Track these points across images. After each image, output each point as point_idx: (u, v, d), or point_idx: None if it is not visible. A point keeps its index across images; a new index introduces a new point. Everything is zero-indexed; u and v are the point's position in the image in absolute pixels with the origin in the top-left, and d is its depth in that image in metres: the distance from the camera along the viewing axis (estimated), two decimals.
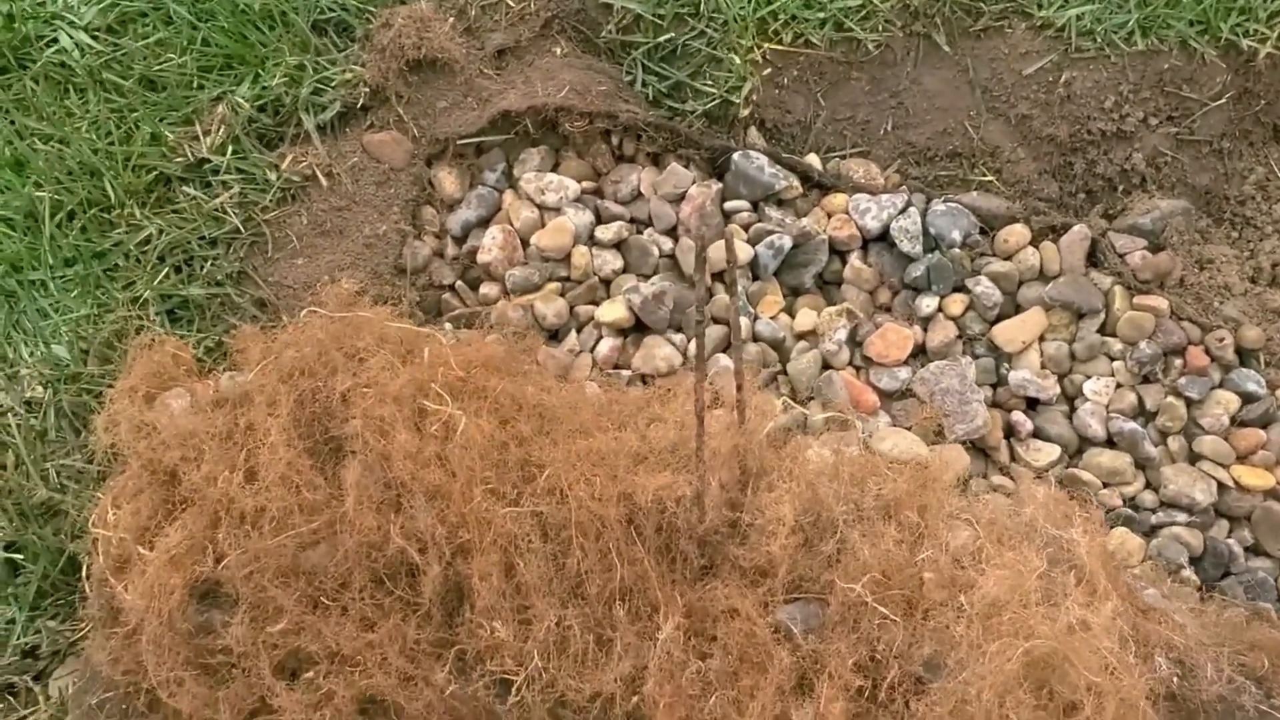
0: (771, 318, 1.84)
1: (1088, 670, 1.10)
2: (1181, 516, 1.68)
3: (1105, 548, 1.33)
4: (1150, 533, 1.68)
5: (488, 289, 1.85)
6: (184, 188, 1.81)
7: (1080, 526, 1.36)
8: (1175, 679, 1.23)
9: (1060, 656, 1.12)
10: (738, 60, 1.86)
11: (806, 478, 1.31)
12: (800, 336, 1.83)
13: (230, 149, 1.82)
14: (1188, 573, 1.64)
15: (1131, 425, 1.72)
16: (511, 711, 1.21)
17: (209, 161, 1.82)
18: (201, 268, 1.76)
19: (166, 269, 1.75)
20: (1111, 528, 1.67)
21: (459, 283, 1.87)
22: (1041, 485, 1.50)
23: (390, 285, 1.80)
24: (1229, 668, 1.25)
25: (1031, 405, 1.80)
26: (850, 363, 1.82)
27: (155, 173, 1.81)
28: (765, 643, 1.21)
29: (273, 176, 1.82)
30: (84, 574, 1.45)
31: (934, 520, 1.34)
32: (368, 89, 1.86)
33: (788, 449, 1.39)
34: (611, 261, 1.85)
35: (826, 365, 1.80)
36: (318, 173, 1.84)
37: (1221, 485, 1.70)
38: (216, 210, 1.79)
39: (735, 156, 1.86)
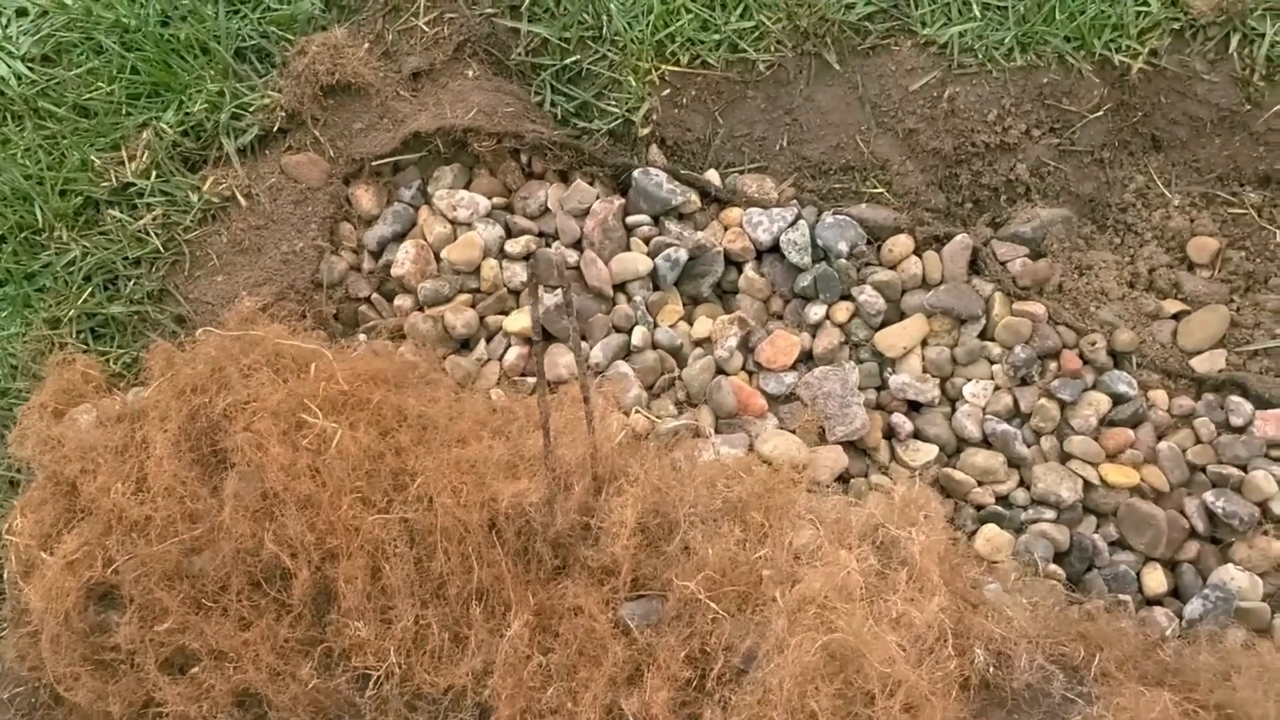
0: (671, 326, 1.93)
1: (881, 663, 1.19)
2: (1049, 513, 1.76)
3: (946, 545, 1.41)
4: (1020, 529, 1.77)
5: (402, 301, 1.95)
6: (110, 210, 1.92)
7: (922, 526, 1.44)
8: (991, 668, 1.32)
9: (857, 650, 1.21)
10: (634, 82, 1.95)
11: (653, 482, 1.40)
12: (698, 344, 1.92)
13: (154, 173, 1.93)
14: (1052, 566, 1.72)
15: (1004, 426, 1.80)
16: (369, 703, 1.31)
17: (134, 185, 1.93)
18: (125, 287, 1.87)
19: (91, 288, 1.86)
20: (981, 525, 1.76)
21: (375, 295, 1.97)
22: (903, 486, 1.59)
23: (307, 299, 1.90)
24: (1044, 658, 1.34)
25: (913, 407, 1.88)
26: (743, 368, 1.91)
27: (83, 196, 1.92)
28: (603, 637, 1.31)
29: (194, 198, 1.92)
30: (1, 578, 1.56)
31: (779, 520, 1.43)
32: (284, 113, 1.96)
33: (644, 453, 1.48)
34: (520, 273, 1.94)
35: (720, 371, 1.89)
36: (237, 193, 1.94)
37: (1089, 483, 1.78)
38: (140, 231, 1.90)
39: (636, 174, 1.95)
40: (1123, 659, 1.37)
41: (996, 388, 1.85)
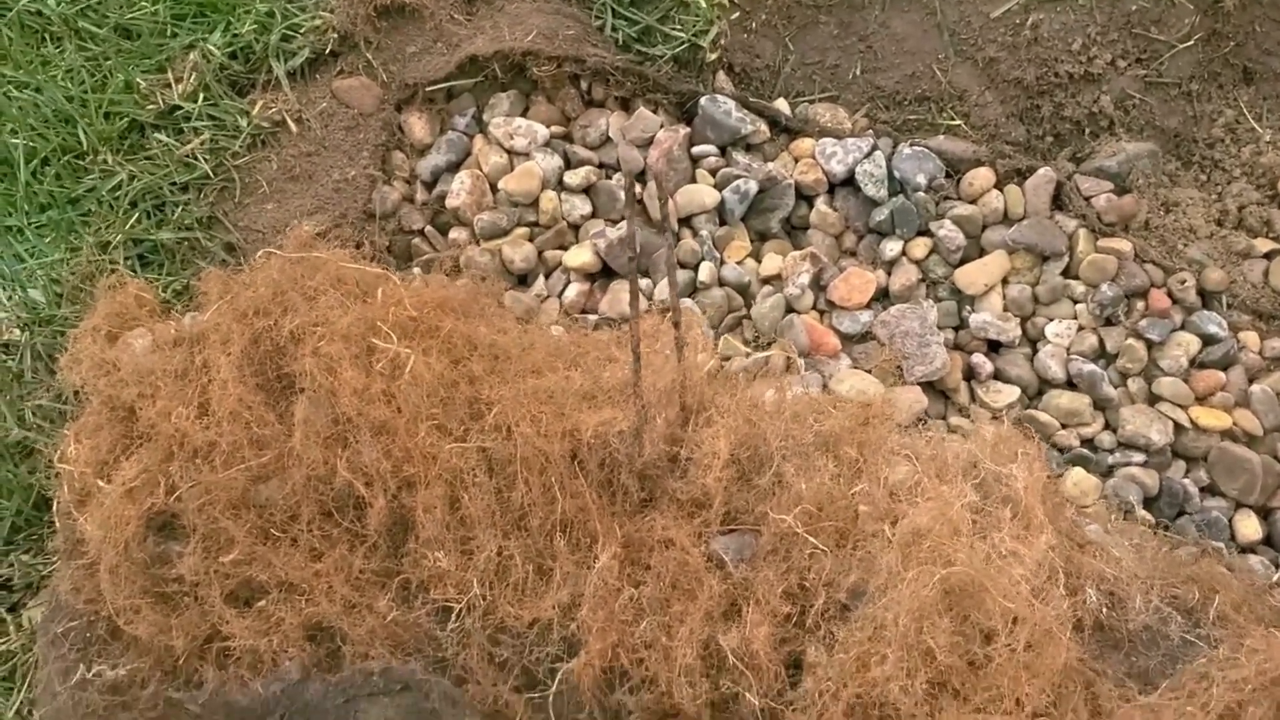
0: (738, 262, 1.85)
1: (1004, 598, 1.12)
2: (1138, 457, 1.69)
3: (1045, 484, 1.34)
4: (1107, 473, 1.70)
5: (457, 234, 1.87)
6: (156, 134, 1.84)
7: (1021, 463, 1.37)
8: (1104, 609, 1.26)
9: (978, 584, 1.14)
10: (701, 4, 1.87)
11: (744, 413, 1.33)
12: (766, 281, 1.85)
13: (201, 96, 1.85)
14: (1142, 512, 1.65)
15: (1091, 367, 1.73)
16: (451, 636, 1.25)
17: (180, 108, 1.84)
18: (172, 213, 1.80)
19: (138, 214, 1.78)
20: (1068, 468, 1.69)
21: (428, 228, 1.89)
22: (992, 425, 1.52)
23: (359, 230, 1.82)
24: (1159, 600, 1.27)
25: (993, 348, 1.81)
26: (814, 306, 1.83)
27: (128, 120, 1.84)
28: (697, 571, 1.24)
29: (243, 123, 1.84)
30: (53, 509, 1.49)
31: (873, 455, 1.36)
32: (336, 35, 1.88)
33: (729, 386, 1.41)
34: (580, 206, 1.86)
35: (790, 309, 1.82)
36: (287, 119, 1.86)
37: (1179, 426, 1.71)
38: (187, 156, 1.82)
39: (703, 101, 1.87)
40: (1238, 602, 1.30)
41: (1081, 327, 1.78)
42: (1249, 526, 1.65)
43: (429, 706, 1.19)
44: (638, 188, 1.86)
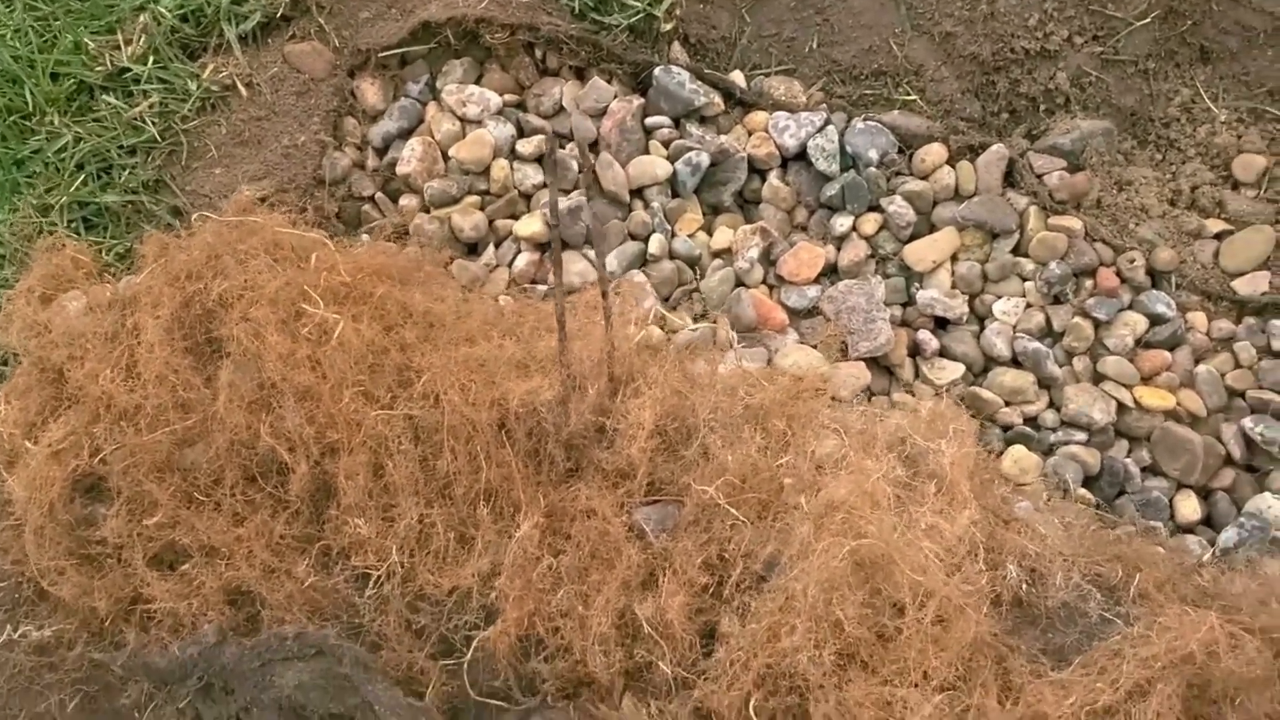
0: (689, 235, 1.84)
1: (914, 572, 1.12)
2: (1080, 436, 1.69)
3: (975, 460, 1.34)
4: (1049, 451, 1.69)
5: (407, 201, 1.86)
6: (104, 96, 1.83)
7: (952, 440, 1.37)
8: (1024, 585, 1.26)
9: (888, 557, 1.14)
10: None
11: (673, 385, 1.33)
12: (717, 254, 1.84)
13: (151, 58, 1.83)
14: (1082, 490, 1.65)
15: (1036, 345, 1.72)
16: (369, 603, 1.25)
17: (130, 71, 1.83)
18: (119, 176, 1.79)
19: (84, 176, 1.77)
20: (1008, 445, 1.69)
21: (379, 194, 1.88)
22: (930, 401, 1.52)
23: (308, 196, 1.81)
24: (1081, 577, 1.27)
25: (940, 325, 1.80)
26: (764, 281, 1.83)
27: (76, 81, 1.83)
28: (617, 541, 1.24)
29: (193, 86, 1.83)
30: None
31: (802, 429, 1.36)
32: None
33: (660, 359, 1.40)
34: (532, 175, 1.85)
35: (739, 283, 1.81)
36: (238, 83, 1.85)
37: (1123, 406, 1.70)
38: (136, 119, 1.81)
39: (657, 72, 1.85)
40: (1161, 581, 1.30)
41: (1028, 305, 1.77)
42: (1188, 506, 1.65)
43: (342, 671, 1.19)
44: (590, 157, 1.85)
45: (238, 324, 1.34)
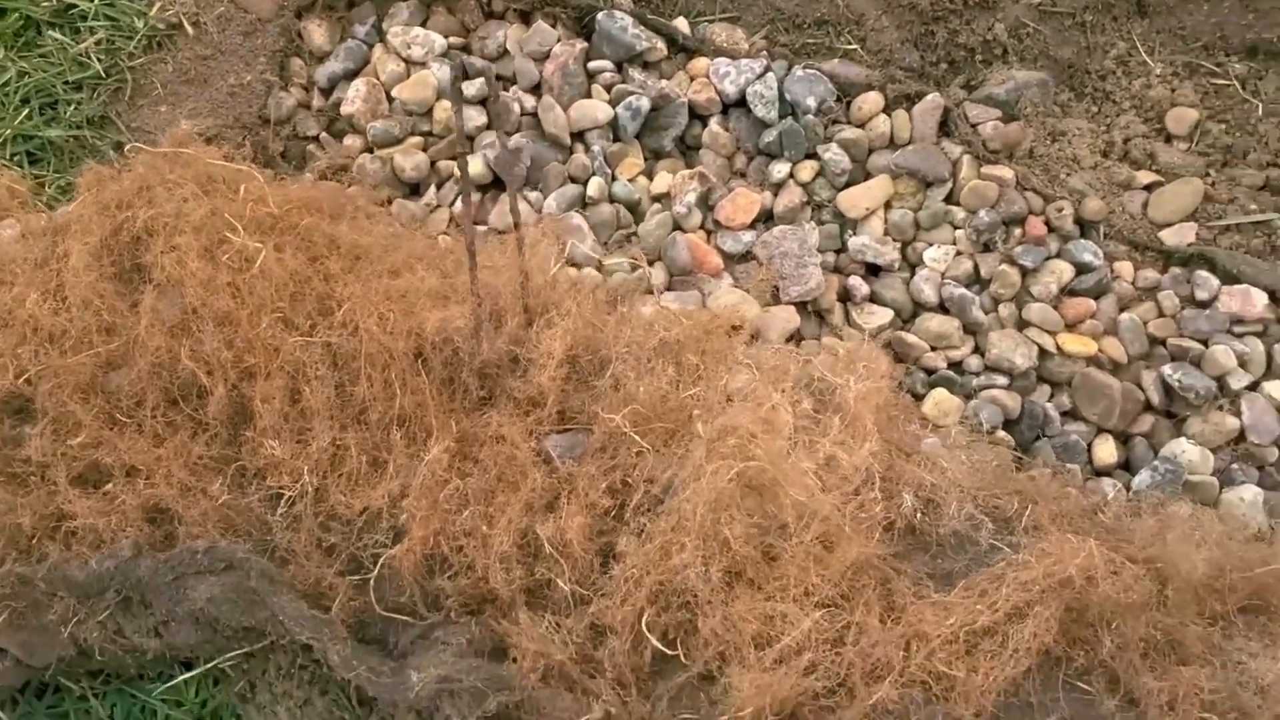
0: (630, 180, 1.87)
1: (797, 492, 1.16)
2: (1002, 380, 1.72)
3: (882, 396, 1.38)
4: (971, 395, 1.73)
5: (351, 141, 1.89)
6: (51, 32, 1.85)
7: (862, 376, 1.40)
8: (919, 514, 1.29)
9: (774, 480, 1.18)
10: None
11: (585, 317, 1.36)
12: (656, 199, 1.87)
13: None
14: (1001, 433, 1.68)
15: (962, 291, 1.75)
16: (281, 521, 1.28)
17: (76, 6, 1.85)
18: (64, 111, 1.81)
19: (28, 111, 1.80)
20: (931, 389, 1.72)
21: (323, 134, 1.90)
22: (846, 342, 1.55)
23: (253, 135, 1.84)
24: (976, 508, 1.31)
25: (873, 271, 1.83)
26: (701, 226, 1.85)
27: (22, 16, 1.84)
28: (523, 465, 1.28)
29: (139, 24, 1.85)
30: None
31: (715, 364, 1.39)
32: None
33: (573, 290, 1.43)
34: (475, 117, 1.87)
35: (677, 227, 1.84)
36: (184, 21, 1.87)
37: (1045, 352, 1.73)
38: (82, 55, 1.83)
39: (600, 17, 1.87)
40: (1058, 514, 1.34)
41: (958, 253, 1.80)
42: (1106, 450, 1.69)
43: (250, 585, 1.23)
44: (530, 101, 1.87)
45: (163, 251, 1.37)
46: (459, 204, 1.83)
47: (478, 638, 1.24)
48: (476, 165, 1.83)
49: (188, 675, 1.40)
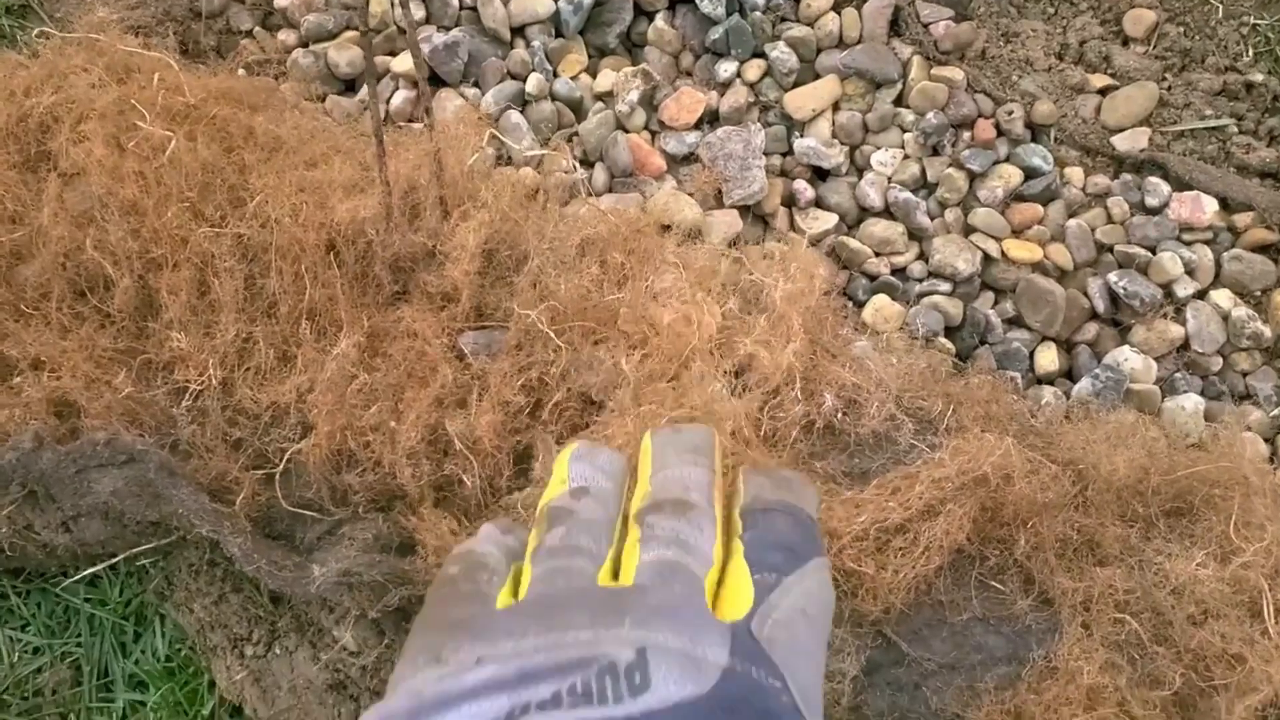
0: (572, 77, 1.81)
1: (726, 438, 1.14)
2: (944, 286, 1.69)
3: (812, 299, 1.34)
4: (913, 302, 1.70)
5: (285, 36, 1.83)
6: None
7: (792, 278, 1.37)
8: (840, 414, 1.27)
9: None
10: None
11: (503, 210, 1.32)
12: (599, 98, 1.81)
13: None
14: (942, 340, 1.65)
15: (907, 195, 1.71)
16: (187, 415, 1.25)
17: None
18: None
19: None
20: (873, 295, 1.69)
21: (257, 29, 1.84)
22: (777, 246, 1.51)
23: (185, 30, 1.78)
24: (899, 409, 1.28)
25: (820, 175, 1.79)
26: (645, 126, 1.80)
27: None
28: (434, 361, 1.24)
29: None
30: None
31: (641, 264, 1.35)
32: None
33: (490, 181, 1.39)
34: (412, 11, 1.81)
35: (620, 127, 1.79)
36: None
37: (989, 257, 1.70)
38: None
39: None
40: (986, 417, 1.31)
41: (905, 157, 1.75)
42: (1047, 358, 1.66)
43: (150, 478, 1.21)
44: None
45: (69, 138, 1.33)
46: (395, 100, 1.78)
47: (384, 533, 1.22)
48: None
49: (95, 569, 1.38)
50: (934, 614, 1.17)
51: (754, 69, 1.78)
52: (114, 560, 1.32)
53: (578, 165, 1.61)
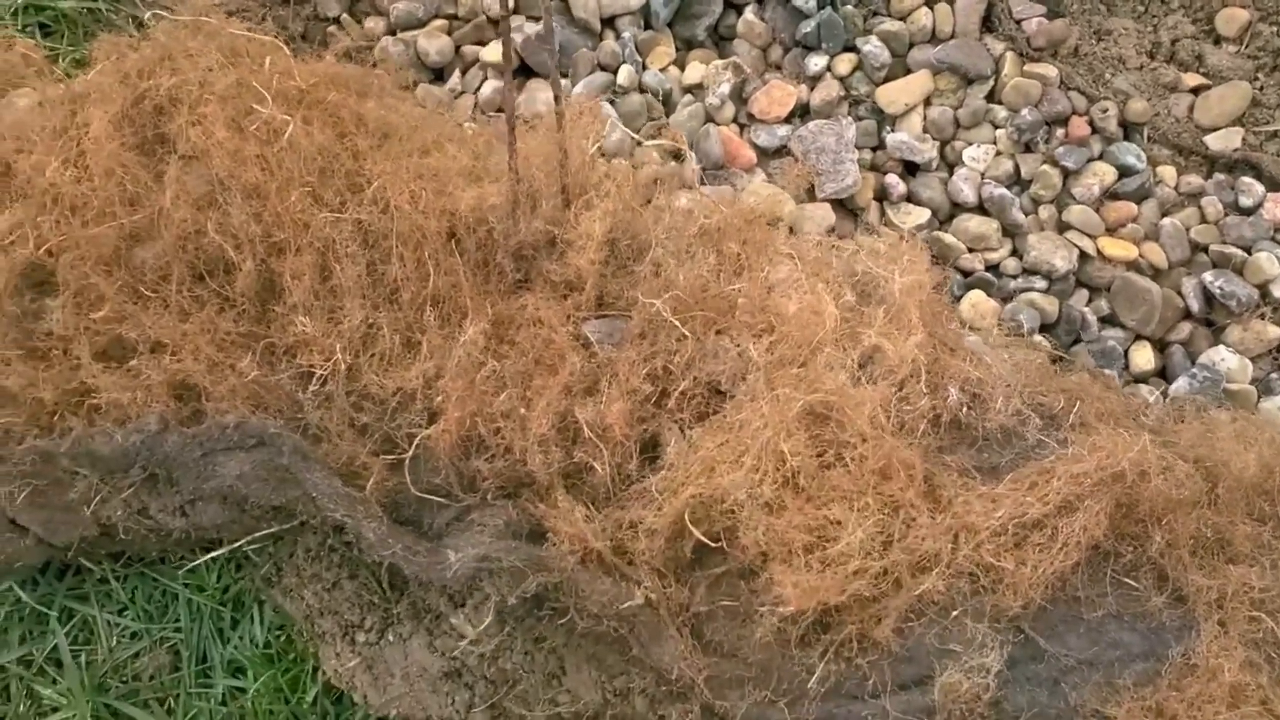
0: (661, 69, 1.81)
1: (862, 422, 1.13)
2: (1040, 283, 1.68)
3: (925, 291, 1.34)
4: (1009, 298, 1.69)
5: (373, 24, 1.82)
6: None
7: (906, 270, 1.37)
8: (965, 408, 1.26)
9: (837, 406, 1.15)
10: None
11: (625, 199, 1.31)
12: (688, 90, 1.81)
13: None
14: (1038, 337, 1.65)
15: (1002, 191, 1.71)
16: (313, 400, 1.25)
17: None
18: None
19: None
20: (968, 291, 1.68)
21: (345, 16, 1.84)
22: (885, 239, 1.51)
23: (272, 13, 1.77)
24: (1022, 404, 1.28)
25: (910, 169, 1.79)
26: (734, 119, 1.80)
27: None
28: (561, 348, 1.24)
29: None
30: None
31: (757, 254, 1.35)
32: None
33: (611, 172, 1.39)
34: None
35: (709, 119, 1.78)
36: None
37: (1085, 255, 1.70)
38: None
39: None
40: (1104, 414, 1.31)
41: (998, 153, 1.75)
42: (1143, 357, 1.66)
43: (282, 463, 1.20)
44: None
45: (188, 121, 1.32)
46: (484, 90, 1.78)
47: (514, 520, 1.21)
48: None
49: (209, 556, 1.38)
50: (1069, 610, 1.17)
51: (845, 63, 1.78)
52: (234, 546, 1.31)
53: (691, 154, 1.61)
